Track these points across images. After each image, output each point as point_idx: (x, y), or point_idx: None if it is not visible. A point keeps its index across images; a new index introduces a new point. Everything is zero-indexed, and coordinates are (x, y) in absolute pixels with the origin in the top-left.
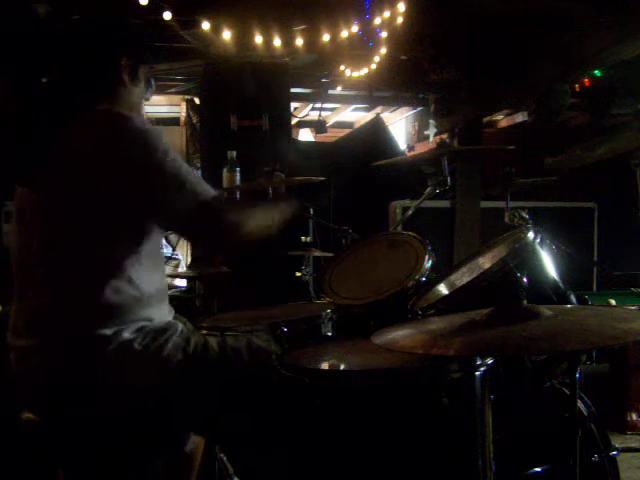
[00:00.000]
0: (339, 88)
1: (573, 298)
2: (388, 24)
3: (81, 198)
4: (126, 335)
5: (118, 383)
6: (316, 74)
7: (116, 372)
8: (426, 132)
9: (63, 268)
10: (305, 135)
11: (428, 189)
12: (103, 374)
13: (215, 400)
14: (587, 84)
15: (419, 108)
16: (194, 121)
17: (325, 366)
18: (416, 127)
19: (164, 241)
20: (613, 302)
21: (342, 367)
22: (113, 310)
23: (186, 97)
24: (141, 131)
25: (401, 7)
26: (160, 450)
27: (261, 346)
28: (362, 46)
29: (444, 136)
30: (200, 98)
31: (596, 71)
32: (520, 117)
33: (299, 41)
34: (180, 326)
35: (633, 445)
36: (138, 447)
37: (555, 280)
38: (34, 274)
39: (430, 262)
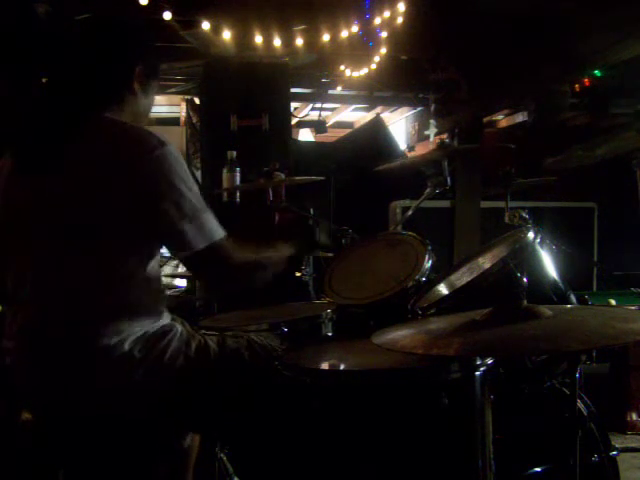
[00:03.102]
0: (339, 88)
1: (573, 298)
2: (388, 24)
3: (84, 203)
4: (126, 344)
5: (118, 388)
6: (316, 74)
7: (116, 378)
8: (426, 132)
9: (62, 273)
10: (305, 135)
11: (428, 189)
12: (103, 379)
13: (216, 402)
14: (587, 84)
15: (419, 108)
16: (194, 121)
17: (325, 366)
18: (416, 127)
19: None
20: (613, 302)
21: (342, 367)
22: (114, 316)
23: (186, 97)
24: (163, 155)
25: (401, 7)
26: (159, 450)
27: (262, 344)
28: (362, 46)
29: (444, 136)
30: (200, 98)
31: (596, 71)
32: (520, 117)
33: (299, 41)
34: (179, 328)
35: (633, 445)
36: (137, 448)
37: (555, 280)
38: (33, 278)
39: (430, 262)
